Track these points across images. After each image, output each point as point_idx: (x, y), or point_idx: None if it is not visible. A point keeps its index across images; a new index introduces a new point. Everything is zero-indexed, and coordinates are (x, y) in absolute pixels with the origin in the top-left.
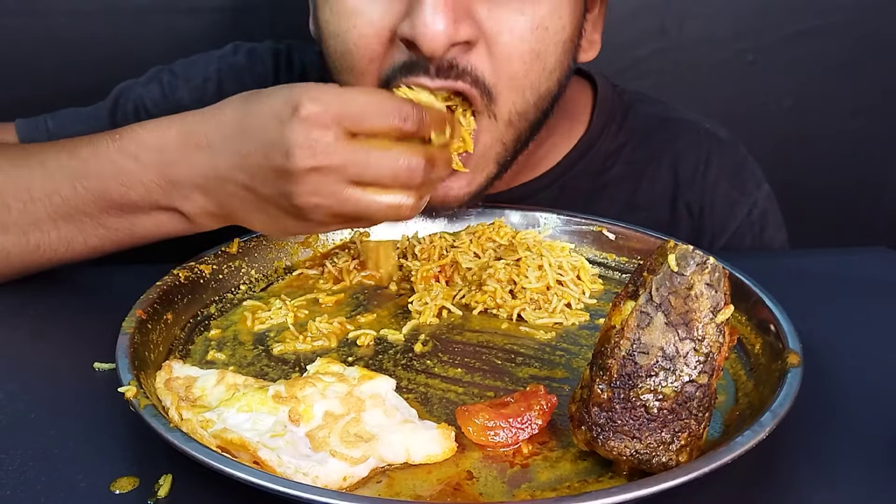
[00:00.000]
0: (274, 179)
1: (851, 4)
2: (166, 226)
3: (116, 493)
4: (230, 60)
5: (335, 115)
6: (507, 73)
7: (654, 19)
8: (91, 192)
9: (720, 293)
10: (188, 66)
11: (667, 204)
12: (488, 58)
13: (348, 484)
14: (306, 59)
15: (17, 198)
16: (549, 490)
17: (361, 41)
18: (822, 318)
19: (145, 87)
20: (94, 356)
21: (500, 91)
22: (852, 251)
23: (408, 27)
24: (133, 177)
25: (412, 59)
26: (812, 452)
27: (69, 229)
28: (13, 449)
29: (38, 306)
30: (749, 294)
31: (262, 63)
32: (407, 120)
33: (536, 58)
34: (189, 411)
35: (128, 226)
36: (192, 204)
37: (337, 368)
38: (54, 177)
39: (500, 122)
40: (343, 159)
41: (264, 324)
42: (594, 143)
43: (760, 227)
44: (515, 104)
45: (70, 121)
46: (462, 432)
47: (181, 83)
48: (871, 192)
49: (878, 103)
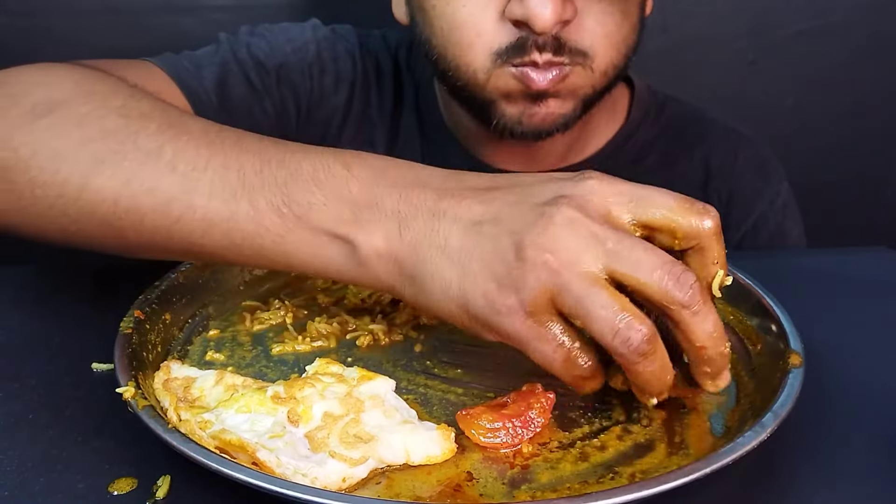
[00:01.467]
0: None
1: (851, 4)
2: (327, 258)
3: (115, 494)
4: (322, 31)
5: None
6: (603, 34)
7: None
8: (274, 178)
9: None
10: (284, 29)
11: (699, 191)
12: (583, 27)
13: (347, 485)
14: (377, 45)
15: (188, 162)
16: (550, 491)
17: (470, 19)
18: (822, 318)
19: (251, 38)
20: (92, 357)
21: (597, 51)
22: (852, 251)
23: (519, 7)
24: (330, 180)
25: (520, 39)
26: (813, 453)
27: (220, 211)
28: (11, 450)
29: (37, 306)
30: (750, 294)
31: (348, 41)
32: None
33: (624, 17)
34: (187, 412)
35: (282, 232)
36: (378, 238)
37: (336, 369)
38: (237, 149)
39: (596, 73)
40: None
41: (263, 324)
42: (632, 135)
43: (783, 216)
44: (612, 58)
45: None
46: (465, 436)
47: (282, 40)
48: (872, 192)
49: (878, 103)
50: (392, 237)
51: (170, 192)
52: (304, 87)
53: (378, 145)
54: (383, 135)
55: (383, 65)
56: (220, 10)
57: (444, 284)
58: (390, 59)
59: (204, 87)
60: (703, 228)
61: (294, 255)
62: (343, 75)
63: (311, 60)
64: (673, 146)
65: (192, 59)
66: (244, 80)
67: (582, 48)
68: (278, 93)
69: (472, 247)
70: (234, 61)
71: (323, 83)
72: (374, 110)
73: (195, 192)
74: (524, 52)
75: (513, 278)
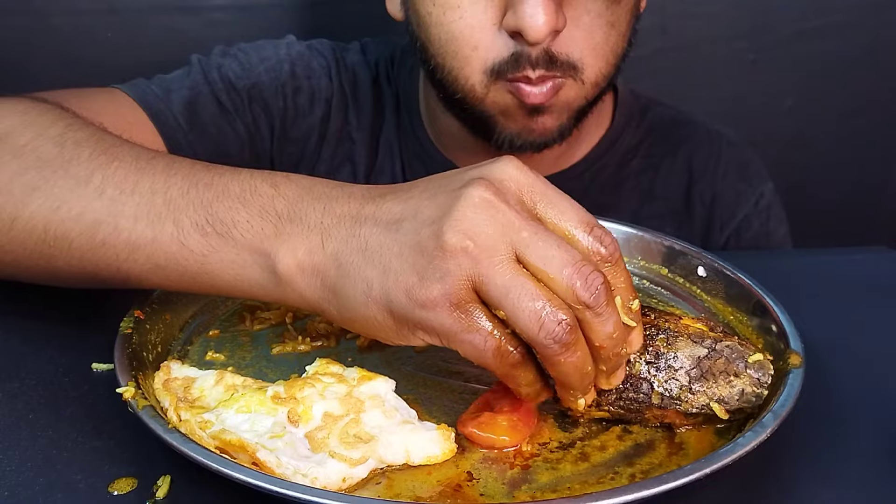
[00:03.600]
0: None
1: (851, 4)
2: (247, 276)
3: (115, 494)
4: (297, 48)
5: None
6: (590, 46)
7: (654, 19)
8: (200, 199)
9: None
10: (257, 48)
11: (682, 194)
12: (573, 39)
13: (348, 485)
14: (355, 59)
15: (116, 186)
16: (550, 491)
17: (468, 30)
18: (822, 318)
19: (222, 59)
20: (93, 356)
21: (587, 62)
22: (852, 251)
23: (513, 19)
24: (256, 199)
25: (515, 51)
26: (813, 453)
27: (144, 233)
28: (11, 450)
29: (37, 306)
30: (750, 294)
31: (323, 56)
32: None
33: (612, 27)
34: (188, 412)
35: (206, 252)
36: (302, 252)
37: (336, 369)
38: (166, 174)
39: (587, 84)
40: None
41: (263, 324)
42: (617, 139)
43: (766, 217)
44: (601, 69)
45: (175, 87)
46: (472, 441)
47: (255, 60)
48: (871, 192)
49: (878, 103)
50: (315, 250)
51: (96, 216)
52: (278, 107)
53: (358, 159)
54: (363, 149)
55: (361, 78)
56: (220, 10)
57: (365, 287)
58: (368, 72)
59: (171, 111)
60: (599, 251)
61: (218, 276)
62: (318, 92)
63: (284, 79)
64: (656, 149)
65: (161, 84)
66: (214, 101)
67: (572, 61)
68: (250, 113)
69: (391, 244)
70: (203, 83)
71: (297, 102)
72: (352, 126)
73: (121, 215)
74: (518, 67)
75: (434, 268)
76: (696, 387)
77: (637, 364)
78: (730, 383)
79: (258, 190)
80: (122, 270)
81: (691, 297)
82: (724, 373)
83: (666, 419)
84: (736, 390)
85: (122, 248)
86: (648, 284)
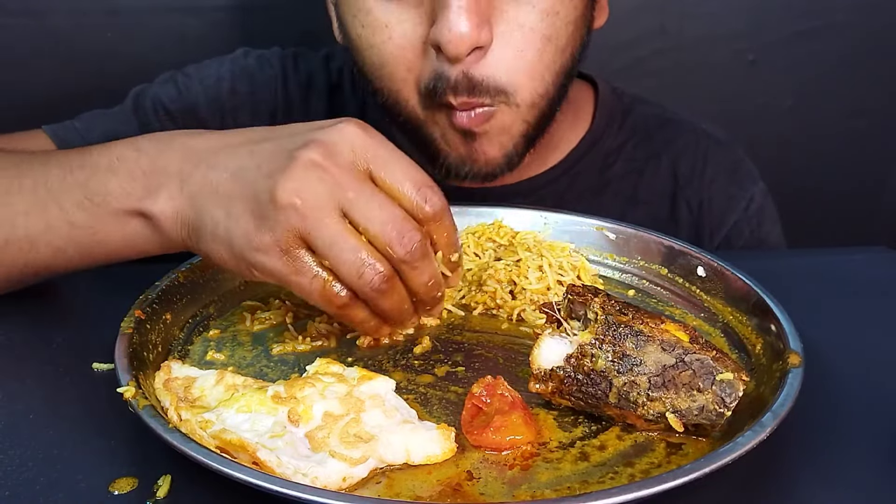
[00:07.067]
0: (268, 161)
1: (851, 4)
2: (133, 235)
3: (115, 494)
4: (241, 63)
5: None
6: (522, 65)
7: (654, 19)
8: (76, 180)
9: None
10: (200, 69)
11: (667, 199)
12: (502, 59)
13: (348, 484)
14: (312, 66)
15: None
16: (550, 491)
17: (398, 52)
18: (822, 318)
19: (161, 87)
20: (93, 356)
21: (519, 83)
22: (852, 251)
23: (435, 32)
24: (123, 165)
25: (438, 71)
26: (812, 452)
27: (37, 223)
28: (12, 449)
29: (37, 306)
30: (750, 294)
31: (271, 66)
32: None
33: (548, 42)
34: (188, 412)
35: (91, 224)
36: (164, 200)
37: (336, 369)
38: (44, 167)
39: (522, 107)
40: (349, 177)
41: (263, 324)
42: (597, 141)
43: (758, 222)
44: (536, 89)
45: (98, 122)
46: (489, 448)
47: (195, 83)
48: (871, 192)
49: (878, 103)
50: (175, 195)
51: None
52: (215, 126)
53: None
54: None
55: (316, 83)
56: (220, 10)
57: (213, 227)
58: (326, 78)
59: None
60: (423, 210)
61: (110, 244)
62: (261, 107)
63: (223, 98)
64: (640, 152)
65: (89, 120)
66: (142, 129)
67: (499, 85)
68: None
69: (236, 191)
70: (132, 112)
71: (237, 119)
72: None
73: (14, 214)
74: (438, 91)
75: (267, 218)
76: (655, 394)
77: (599, 360)
78: (691, 397)
79: (123, 156)
80: (30, 264)
81: (691, 296)
82: (688, 386)
83: (626, 419)
84: (696, 405)
85: (23, 243)
86: (648, 284)
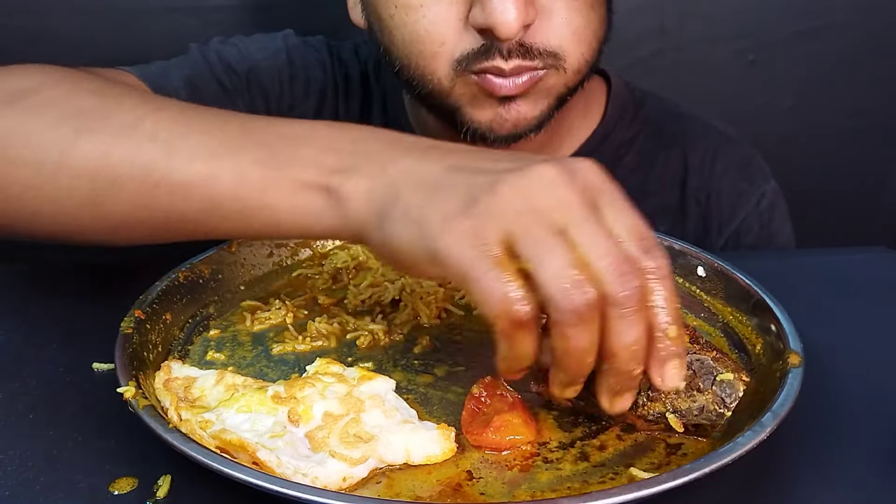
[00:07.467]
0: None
1: (851, 4)
2: (303, 208)
3: (115, 494)
4: (292, 40)
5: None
6: (571, 32)
7: (654, 19)
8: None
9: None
10: (254, 39)
11: (677, 191)
12: (550, 27)
13: (348, 484)
14: (347, 55)
15: (167, 130)
16: (550, 491)
17: (432, 28)
18: (822, 318)
19: (221, 46)
20: (93, 356)
21: (568, 50)
22: (852, 251)
23: (481, 15)
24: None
25: (484, 45)
26: (812, 453)
27: (201, 171)
28: (12, 450)
29: (38, 306)
30: (750, 294)
31: (318, 50)
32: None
33: (592, 9)
34: (188, 412)
35: (264, 185)
36: (359, 177)
37: (336, 369)
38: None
39: (569, 72)
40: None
41: (263, 324)
42: (609, 133)
43: (769, 218)
44: (584, 55)
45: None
46: (489, 448)
47: (254, 49)
48: (871, 192)
49: (878, 103)
50: (373, 174)
51: (149, 158)
52: (274, 93)
53: None
54: None
55: (352, 74)
56: (220, 10)
57: (406, 208)
58: (359, 70)
59: (173, 85)
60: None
61: (273, 211)
62: (313, 83)
63: (280, 66)
64: (651, 144)
65: (161, 66)
66: (215, 81)
67: (552, 49)
68: (248, 95)
69: (448, 181)
70: (203, 63)
71: (293, 89)
72: (342, 119)
73: (175, 156)
74: (488, 56)
75: (478, 204)
76: (655, 394)
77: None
78: (691, 397)
79: (318, 131)
80: (177, 212)
81: (691, 297)
82: (688, 386)
83: (626, 419)
84: (696, 405)
85: (177, 188)
86: None
